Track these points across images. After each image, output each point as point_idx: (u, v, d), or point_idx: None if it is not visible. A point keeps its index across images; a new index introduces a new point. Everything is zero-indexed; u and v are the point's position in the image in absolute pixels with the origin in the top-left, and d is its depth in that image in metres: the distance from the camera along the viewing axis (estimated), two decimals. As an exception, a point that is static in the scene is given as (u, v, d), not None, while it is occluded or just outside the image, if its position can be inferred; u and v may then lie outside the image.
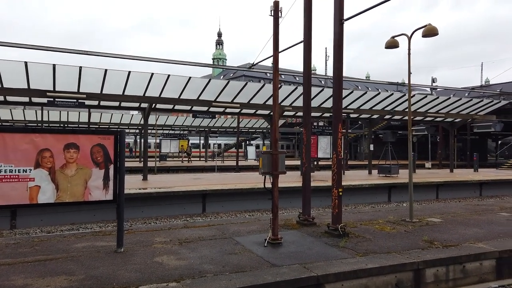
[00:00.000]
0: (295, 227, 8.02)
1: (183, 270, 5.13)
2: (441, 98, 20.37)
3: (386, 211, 10.51)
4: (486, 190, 17.75)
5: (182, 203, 12.30)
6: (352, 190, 14.65)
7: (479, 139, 40.82)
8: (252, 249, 6.22)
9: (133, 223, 10.73)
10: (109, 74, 13.24)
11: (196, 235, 7.19)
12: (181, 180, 16.10)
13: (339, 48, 7.42)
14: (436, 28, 8.73)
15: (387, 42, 9.54)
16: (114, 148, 5.77)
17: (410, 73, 9.23)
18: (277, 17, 6.84)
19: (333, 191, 7.30)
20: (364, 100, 18.82)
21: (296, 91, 16.66)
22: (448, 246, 6.51)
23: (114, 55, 14.14)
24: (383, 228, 7.98)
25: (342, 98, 9.98)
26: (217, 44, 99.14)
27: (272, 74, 6.83)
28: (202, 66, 14.60)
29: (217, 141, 49.73)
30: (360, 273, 5.30)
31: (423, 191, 16.17)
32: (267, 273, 5.07)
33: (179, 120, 34.19)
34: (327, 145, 19.21)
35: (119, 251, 5.96)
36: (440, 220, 8.99)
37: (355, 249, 6.32)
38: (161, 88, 14.63)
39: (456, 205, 12.11)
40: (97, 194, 5.67)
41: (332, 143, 7.52)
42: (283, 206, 12.94)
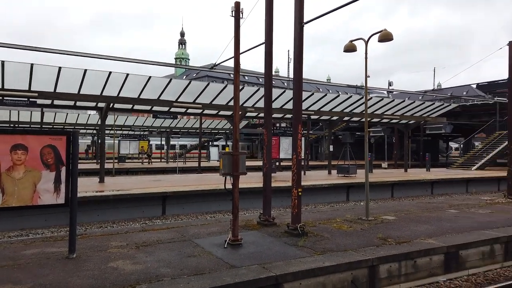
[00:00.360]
0: (255, 227, 8.05)
1: (139, 275, 5.00)
2: (396, 101, 21.27)
3: (344, 210, 10.81)
4: (437, 188, 18.72)
5: (141, 206, 11.98)
6: (312, 190, 14.94)
7: (431, 140, 42.98)
8: (212, 251, 6.17)
9: (88, 227, 10.32)
10: (64, 72, 12.65)
11: (154, 238, 7.03)
12: (141, 182, 15.68)
13: (299, 51, 7.54)
14: (391, 33, 9.10)
15: (345, 46, 9.82)
16: (66, 149, 5.52)
17: (367, 76, 9.55)
18: (238, 18, 6.85)
19: (293, 191, 7.40)
20: (325, 102, 19.27)
21: (258, 92, 16.75)
22: (401, 243, 6.79)
23: (69, 53, 13.52)
24: (340, 226, 8.19)
25: (303, 100, 10.15)
26: (180, 44, 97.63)
27: (233, 75, 6.82)
28: (164, 66, 14.28)
29: (179, 142, 49.00)
30: (318, 271, 5.41)
31: (379, 190, 16.79)
32: (226, 274, 5.05)
33: (139, 121, 33.32)
34: (289, 146, 19.46)
35: (71, 257, 5.70)
36: (394, 218, 9.37)
37: (314, 247, 6.44)
38: (120, 88, 14.20)
39: (409, 203, 12.68)
40: (47, 197, 5.40)
41: (292, 144, 7.62)
42: (245, 207, 12.95)
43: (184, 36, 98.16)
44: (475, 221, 8.98)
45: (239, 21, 6.99)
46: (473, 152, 30.24)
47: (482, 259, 6.98)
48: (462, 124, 34.72)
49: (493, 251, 7.15)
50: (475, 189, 19.02)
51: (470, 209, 10.93)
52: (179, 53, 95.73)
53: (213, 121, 36.57)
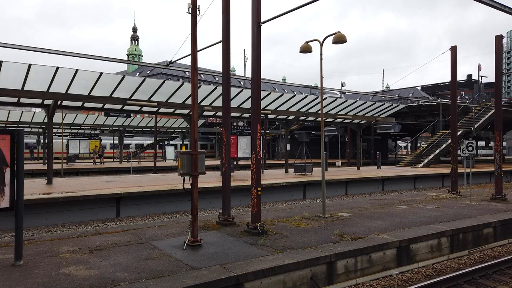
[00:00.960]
0: (215, 227, 7.97)
1: (94, 280, 4.77)
2: (349, 101, 22.03)
3: (302, 208, 11.02)
4: (387, 185, 19.65)
5: (93, 208, 11.44)
6: (270, 189, 15.07)
7: (381, 139, 45.08)
8: (171, 253, 6.03)
9: (36, 232, 9.69)
10: (5, 67, 11.77)
11: (109, 242, 6.74)
12: (92, 183, 14.98)
13: (257, 50, 7.56)
14: (345, 36, 9.38)
15: (301, 47, 9.98)
16: (10, 149, 5.13)
17: (322, 77, 9.78)
18: (195, 15, 6.72)
19: (252, 191, 7.41)
20: (281, 102, 19.52)
21: (215, 91, 16.61)
22: (356, 239, 7.03)
23: (10, 46, 12.59)
24: (299, 224, 8.33)
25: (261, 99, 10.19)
26: (132, 40, 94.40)
27: (191, 72, 6.70)
28: (117, 62, 13.68)
29: (134, 141, 47.47)
30: (278, 269, 5.45)
31: (334, 188, 17.31)
32: (186, 276, 4.94)
33: (90, 119, 31.78)
34: (246, 145, 19.50)
35: (18, 264, 5.32)
36: (349, 214, 9.69)
37: (273, 246, 6.49)
38: (68, 84, 13.45)
39: (363, 200, 13.18)
40: (-11, 201, 4.99)
41: (251, 143, 7.63)
42: (203, 207, 12.81)
43: (136, 31, 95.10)
44: (423, 216, 9.51)
45: (196, 19, 6.87)
46: (419, 150, 32.07)
47: (430, 252, 7.41)
48: (409, 124, 36.73)
49: (440, 244, 7.61)
50: (422, 185, 20.19)
51: (418, 204, 11.56)
52: (131, 49, 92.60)
53: (169, 119, 35.76)
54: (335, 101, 21.32)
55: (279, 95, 19.16)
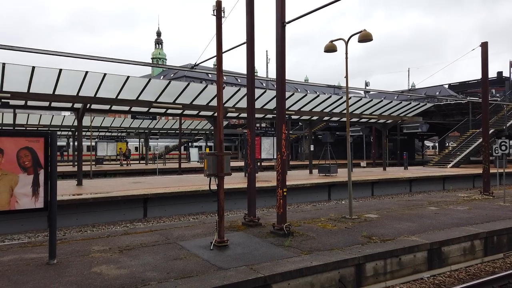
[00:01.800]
0: (241, 228, 7.98)
1: (125, 279, 4.85)
2: (374, 101, 21.63)
3: (327, 209, 10.88)
4: (415, 186, 19.15)
5: (121, 209, 11.70)
6: (294, 190, 14.98)
7: (408, 139, 44.05)
8: (198, 253, 6.07)
9: (67, 232, 9.99)
10: (38, 72, 12.21)
11: (138, 242, 6.86)
12: (120, 184, 15.33)
13: (281, 50, 7.53)
14: (371, 34, 9.22)
15: (326, 46, 9.88)
16: (44, 151, 5.30)
17: (347, 76, 9.64)
18: (220, 17, 6.77)
19: (277, 191, 7.38)
20: (305, 102, 19.39)
21: (239, 92, 16.68)
22: (385, 241, 6.87)
23: (42, 51, 13.06)
24: (325, 225, 8.23)
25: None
26: (157, 44, 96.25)
27: (216, 74, 6.74)
28: (142, 65, 14.03)
29: (159, 143, 48.32)
30: (305, 271, 5.39)
31: (360, 189, 17.02)
32: (214, 277, 4.96)
33: (117, 122, 32.60)
34: (270, 146, 19.47)
35: (52, 263, 5.48)
36: (377, 216, 9.49)
37: (300, 247, 6.43)
38: (97, 88, 13.82)
39: (390, 201, 12.90)
40: (25, 202, 5.18)
41: (276, 144, 7.60)
42: (228, 208, 12.86)
43: (160, 35, 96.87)
44: (455, 217, 9.20)
45: (221, 21, 6.91)
46: (448, 150, 31.11)
47: (463, 255, 7.15)
48: (436, 123, 35.72)
49: (474, 247, 7.34)
50: (451, 186, 19.56)
51: (449, 206, 11.20)
52: (155, 53, 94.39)
53: (193, 121, 36.22)
54: (359, 101, 20.99)
55: (302, 95, 19.04)
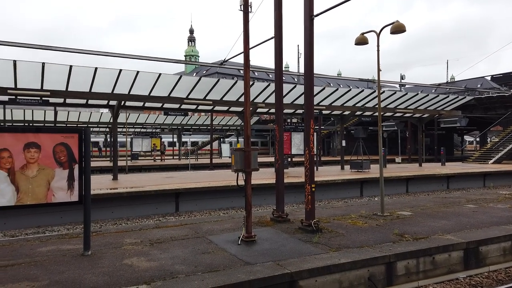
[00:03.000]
0: (269, 224, 7.98)
1: (154, 272, 4.98)
2: (409, 95, 20.90)
3: (359, 206, 10.66)
4: (453, 183, 18.37)
5: (154, 203, 12.01)
6: (325, 186, 14.79)
7: (446, 134, 42.27)
8: (226, 248, 6.12)
9: (103, 224, 10.39)
10: (75, 71, 12.73)
11: (168, 235, 7.02)
12: (153, 179, 15.75)
13: (310, 44, 7.41)
14: (403, 25, 8.88)
15: (356, 39, 9.63)
16: (78, 147, 5.52)
17: (379, 69, 9.36)
18: (247, 12, 6.74)
19: (306, 187, 7.30)
20: (336, 97, 19.05)
21: (269, 87, 16.63)
22: (418, 239, 6.64)
23: (80, 51, 13.61)
24: (355, 222, 8.07)
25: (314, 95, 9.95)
26: (189, 41, 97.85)
27: (243, 70, 6.73)
28: (174, 62, 14.34)
29: (191, 139, 49.15)
30: (333, 268, 5.31)
31: (394, 185, 16.55)
32: (241, 271, 4.99)
33: (151, 118, 33.49)
34: (300, 141, 19.31)
35: (86, 254, 5.72)
36: (410, 213, 9.19)
37: (328, 244, 6.34)
38: (130, 85, 14.23)
39: (425, 198, 12.45)
40: (61, 195, 5.41)
41: (304, 139, 7.51)
42: (258, 203, 12.90)
43: (193, 33, 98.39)
44: (495, 216, 8.75)
45: (248, 16, 6.88)
46: (489, 145, 29.60)
47: (503, 255, 6.79)
48: (477, 117, 34.00)
49: (514, 246, 6.94)
50: (492, 183, 18.60)
51: (489, 203, 10.66)
52: (188, 50, 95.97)
53: (224, 117, 36.54)
54: (394, 95, 20.36)
55: (333, 90, 18.71)
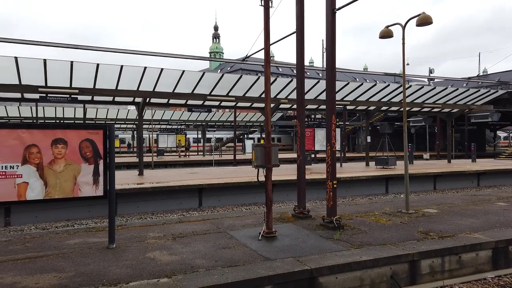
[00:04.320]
0: (290, 220, 7.96)
1: (175, 266, 5.07)
2: (438, 89, 20.26)
3: (383, 203, 10.46)
4: (483, 180, 17.72)
5: (178, 198, 12.22)
6: (349, 182, 14.60)
7: (477, 129, 40.75)
8: (246, 243, 6.16)
9: (129, 218, 10.66)
10: (102, 69, 13.07)
11: (190, 230, 7.12)
12: (178, 174, 16.01)
13: (331, 39, 7.29)
14: (430, 17, 8.59)
15: (381, 32, 9.40)
16: (103, 142, 5.67)
17: (404, 62, 9.12)
18: (267, 7, 6.71)
19: (327, 184, 7.22)
20: (361, 92, 18.70)
21: (292, 83, 16.51)
22: (444, 237, 6.45)
23: (106, 49, 13.97)
24: (378, 220, 7.92)
25: (338, 90, 9.87)
26: (214, 38, 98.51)
27: (264, 66, 6.71)
28: (197, 59, 14.54)
29: (215, 135, 49.61)
30: (355, 265, 5.24)
31: (421, 182, 16.13)
32: (260, 267, 5.00)
33: (176, 115, 34.01)
34: (323, 137, 19.11)
35: (111, 247, 5.89)
36: (436, 211, 8.94)
37: (350, 241, 6.26)
38: (155, 82, 14.48)
39: (453, 196, 12.07)
40: (87, 190, 5.58)
41: (326, 135, 7.42)
42: (280, 199, 12.89)
43: (217, 30, 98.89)
44: (527, 214, 8.37)
45: (269, 11, 6.84)
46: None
47: (535, 256, 6.49)
48: (510, 112, 32.59)
49: (548, 247, 6.62)
50: (526, 180, 17.82)
51: (521, 201, 10.22)
52: (213, 47, 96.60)
53: (248, 114, 36.65)
54: (421, 89, 19.78)
55: (358, 84, 18.38)
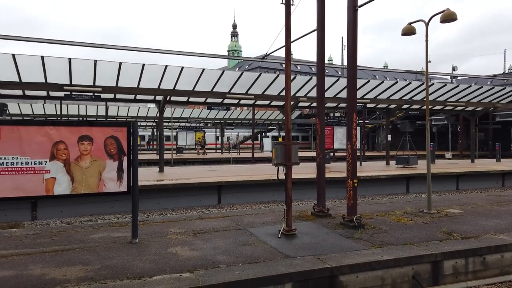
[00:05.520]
0: (309, 218, 7.95)
1: (197, 261, 5.15)
2: (461, 87, 19.78)
3: (404, 202, 10.31)
4: (509, 180, 17.22)
5: (197, 195, 12.36)
6: (369, 181, 14.44)
7: (502, 128, 39.56)
8: (266, 240, 6.19)
9: (150, 214, 10.86)
10: (124, 67, 13.33)
11: (211, 226, 7.21)
12: (197, 172, 16.19)
13: (353, 36, 7.23)
14: (455, 13, 8.41)
15: (403, 29, 9.25)
16: (127, 140, 5.80)
17: (427, 61, 8.95)
18: (288, 4, 6.70)
19: (348, 182, 7.18)
20: (381, 90, 18.45)
21: (311, 81, 16.44)
22: (467, 238, 6.33)
23: (128, 48, 14.22)
24: (400, 219, 7.83)
25: (358, 88, 9.77)
26: (232, 36, 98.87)
27: (284, 64, 6.72)
28: (216, 58, 14.66)
29: (233, 133, 49.81)
30: (376, 265, 5.20)
31: (443, 182, 15.81)
32: (281, 264, 5.03)
33: (195, 113, 34.35)
34: (343, 136, 18.95)
35: (134, 242, 6.02)
36: (459, 211, 8.76)
37: (371, 240, 6.21)
38: (175, 81, 14.67)
39: (477, 196, 11.79)
40: (111, 185, 5.73)
41: (347, 133, 7.37)
42: (299, 198, 12.87)
43: (236, 28, 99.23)
44: (555, 216, 8.11)
45: (290, 8, 6.83)
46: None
47: None
48: (538, 110, 31.49)
49: None
50: (554, 181, 17.22)
51: (549, 203, 9.90)
52: (231, 45, 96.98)
53: (266, 112, 36.63)
54: (444, 87, 19.36)
55: (378, 82, 18.13)
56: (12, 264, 4.99)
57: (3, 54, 11.98)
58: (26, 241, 6.12)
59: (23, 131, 5.22)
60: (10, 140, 5.16)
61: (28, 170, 5.25)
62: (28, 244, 5.94)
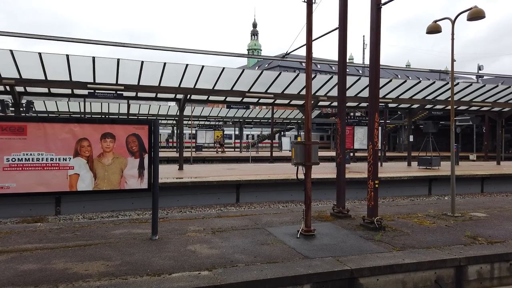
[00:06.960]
0: (329, 219, 7.86)
1: (215, 259, 5.16)
2: (487, 87, 19.17)
3: (426, 205, 10.08)
4: (537, 184, 16.59)
5: (216, 193, 12.42)
6: (390, 183, 14.18)
7: (530, 129, 38.17)
8: (284, 240, 6.15)
9: (169, 211, 10.98)
10: (146, 66, 13.51)
11: (229, 225, 7.22)
12: (216, 170, 16.27)
13: (376, 35, 7.09)
14: (482, 11, 8.15)
15: (428, 27, 9.04)
16: (148, 137, 5.86)
17: (453, 60, 8.71)
18: (310, 3, 6.63)
19: (368, 183, 7.06)
20: (404, 89, 18.08)
21: (331, 80, 16.27)
22: (493, 243, 6.12)
23: (150, 47, 14.41)
24: (422, 222, 7.65)
25: (380, 87, 9.59)
26: (252, 35, 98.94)
27: (305, 62, 6.65)
28: (236, 56, 14.69)
29: (252, 132, 49.85)
30: (397, 268, 5.09)
31: (467, 184, 15.37)
32: (299, 265, 4.99)
33: (214, 111, 34.56)
34: (363, 136, 18.68)
35: (154, 239, 6.09)
36: (485, 214, 8.49)
37: (392, 243, 6.09)
38: (196, 79, 14.77)
39: (503, 199, 11.41)
40: (132, 182, 5.81)
41: (368, 134, 7.25)
42: (317, 198, 12.76)
43: (256, 27, 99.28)
44: None
45: (312, 6, 6.76)
46: None
47: None
48: None
49: None
50: None
51: None
52: (251, 44, 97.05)
53: (285, 111, 36.49)
54: (469, 87, 18.81)
55: (401, 81, 17.78)
56: (36, 258, 5.12)
57: (30, 53, 12.35)
58: (50, 236, 6.28)
59: (49, 128, 5.35)
60: (36, 136, 5.30)
61: (53, 166, 5.38)
62: (51, 239, 6.09)
